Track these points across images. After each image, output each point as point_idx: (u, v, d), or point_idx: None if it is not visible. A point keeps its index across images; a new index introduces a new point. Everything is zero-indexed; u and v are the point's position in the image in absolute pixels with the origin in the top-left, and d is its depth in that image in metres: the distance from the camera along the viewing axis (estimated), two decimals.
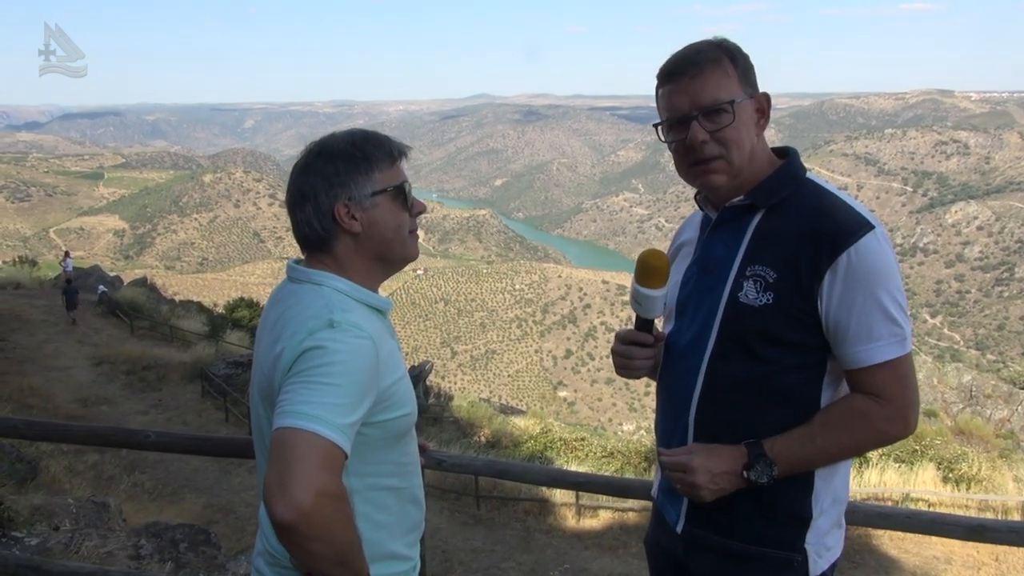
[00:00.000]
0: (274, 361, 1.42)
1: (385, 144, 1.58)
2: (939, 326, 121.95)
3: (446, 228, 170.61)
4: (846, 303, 1.49)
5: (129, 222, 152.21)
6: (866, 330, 1.49)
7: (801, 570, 1.61)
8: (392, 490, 1.59)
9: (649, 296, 1.68)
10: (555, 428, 16.55)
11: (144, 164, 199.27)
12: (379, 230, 1.55)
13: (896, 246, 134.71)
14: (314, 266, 1.55)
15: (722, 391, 1.61)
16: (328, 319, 1.40)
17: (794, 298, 1.52)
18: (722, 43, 1.61)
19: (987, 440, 12.97)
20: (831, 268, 1.48)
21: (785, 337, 1.54)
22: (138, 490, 8.89)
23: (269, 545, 1.50)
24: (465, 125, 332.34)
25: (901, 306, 1.51)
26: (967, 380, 15.62)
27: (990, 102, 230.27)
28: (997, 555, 7.26)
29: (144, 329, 21.27)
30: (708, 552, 1.68)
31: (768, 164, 1.64)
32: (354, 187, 1.51)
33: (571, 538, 8.57)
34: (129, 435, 3.29)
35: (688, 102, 1.57)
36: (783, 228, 1.57)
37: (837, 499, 1.65)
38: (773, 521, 1.61)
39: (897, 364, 1.51)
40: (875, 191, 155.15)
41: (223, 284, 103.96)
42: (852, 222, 1.51)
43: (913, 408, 1.55)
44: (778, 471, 1.53)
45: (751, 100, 1.60)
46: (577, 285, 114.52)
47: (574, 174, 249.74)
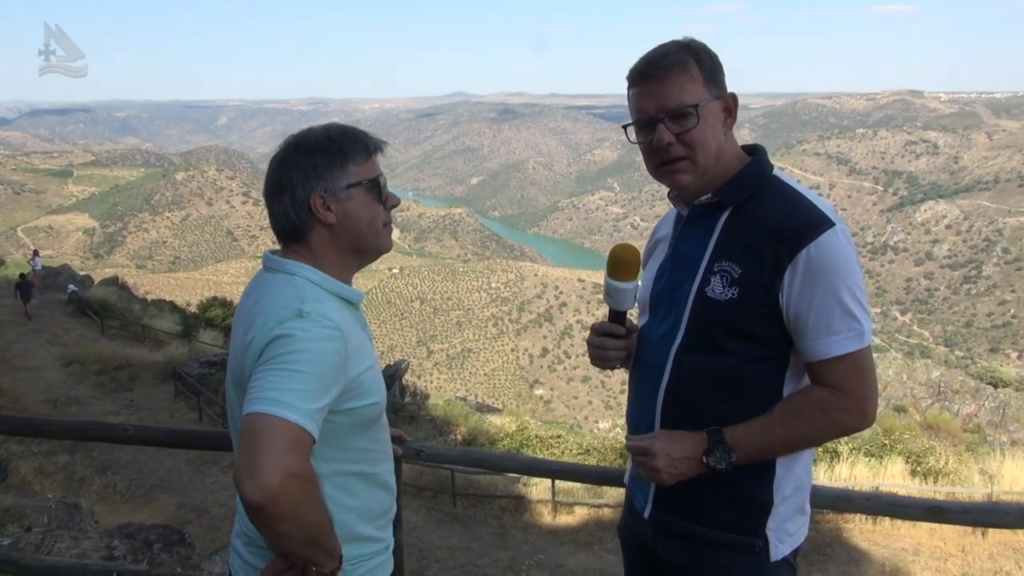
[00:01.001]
0: (245, 348, 1.47)
1: (361, 139, 1.62)
2: (909, 323, 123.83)
3: (422, 226, 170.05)
4: (806, 298, 1.53)
5: (99, 220, 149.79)
6: (825, 324, 1.53)
7: (762, 555, 1.66)
8: (361, 475, 1.63)
9: (620, 289, 1.74)
10: (531, 426, 16.61)
11: (115, 161, 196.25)
12: (353, 222, 1.59)
13: (867, 244, 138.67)
14: (289, 256, 1.60)
15: (688, 382, 1.66)
16: (298, 309, 1.44)
17: (758, 293, 1.57)
18: (689, 44, 1.63)
19: (955, 434, 13.22)
20: (791, 264, 1.53)
21: (749, 330, 1.59)
22: (110, 491, 8.80)
23: (245, 526, 1.57)
24: (441, 123, 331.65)
25: (860, 302, 1.54)
26: (936, 376, 15.88)
27: (959, 103, 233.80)
28: (963, 546, 7.41)
29: (115, 329, 20.99)
30: (674, 537, 1.74)
31: (737, 162, 1.68)
32: (330, 180, 1.56)
33: (547, 534, 8.61)
34: (106, 429, 3.27)
35: (655, 105, 1.62)
36: (749, 225, 1.61)
37: (800, 486, 1.69)
38: (735, 507, 1.66)
39: (855, 358, 1.55)
40: (847, 190, 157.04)
41: (196, 283, 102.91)
42: (813, 219, 1.55)
43: (870, 400, 1.58)
44: (736, 458, 1.58)
45: (718, 101, 1.63)
46: (553, 283, 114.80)
47: (550, 173, 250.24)
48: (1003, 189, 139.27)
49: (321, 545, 1.42)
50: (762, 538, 1.65)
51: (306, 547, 1.40)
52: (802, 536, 1.73)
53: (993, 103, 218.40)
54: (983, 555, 7.16)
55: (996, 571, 6.79)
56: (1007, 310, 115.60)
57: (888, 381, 15.68)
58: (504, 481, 10.05)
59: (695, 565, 1.73)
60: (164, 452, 10.94)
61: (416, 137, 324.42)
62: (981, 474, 9.26)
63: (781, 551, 1.67)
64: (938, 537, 7.66)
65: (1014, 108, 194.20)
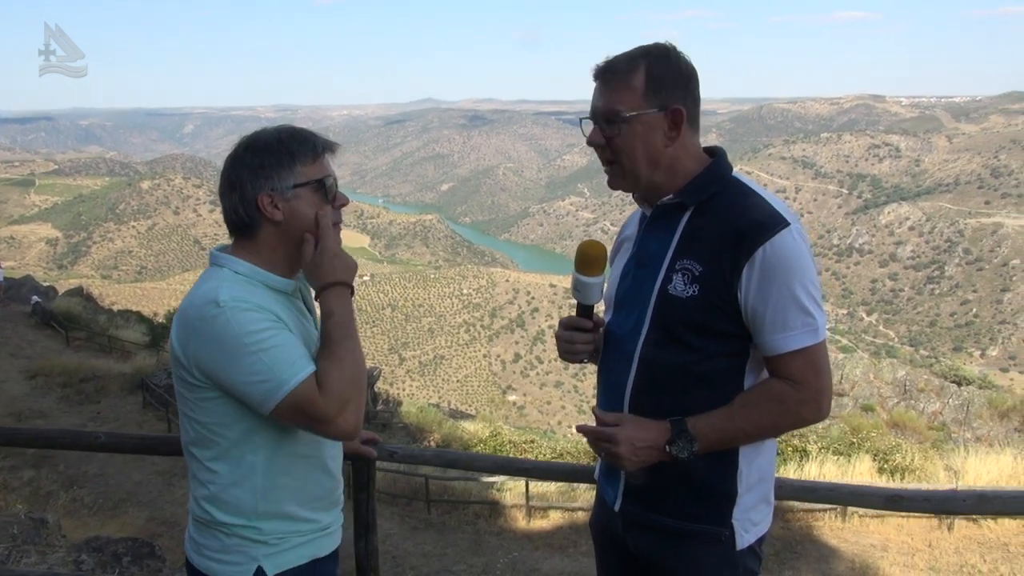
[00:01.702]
0: (179, 345, 1.63)
1: (309, 140, 1.70)
2: (875, 323, 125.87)
3: (392, 233, 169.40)
4: (763, 295, 1.59)
5: (63, 230, 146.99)
6: (781, 320, 1.59)
7: (728, 544, 1.71)
8: (300, 456, 1.73)
9: (587, 283, 1.81)
10: (505, 431, 16.59)
11: (78, 170, 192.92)
12: (299, 219, 1.68)
13: (833, 247, 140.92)
14: (236, 251, 1.70)
15: (653, 377, 1.72)
16: (214, 298, 1.57)
17: (718, 290, 1.62)
18: (649, 52, 1.68)
19: (920, 432, 13.46)
20: (749, 261, 1.59)
21: (710, 326, 1.65)
22: (77, 505, 8.65)
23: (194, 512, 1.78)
24: (411, 130, 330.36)
25: (814, 298, 1.61)
26: (901, 375, 16.15)
27: (919, 107, 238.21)
28: (930, 541, 7.55)
29: (80, 340, 20.59)
30: (643, 529, 1.79)
31: (698, 164, 1.73)
32: (277, 179, 1.65)
33: (522, 539, 8.62)
34: (77, 437, 3.24)
35: (597, 106, 1.71)
36: (710, 225, 1.66)
37: (763, 477, 1.75)
38: (701, 498, 1.71)
39: (810, 352, 1.61)
40: (812, 193, 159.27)
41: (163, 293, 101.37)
42: (768, 219, 1.61)
43: (825, 393, 1.64)
44: (699, 447, 1.63)
45: (659, 114, 1.66)
46: (525, 289, 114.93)
47: (520, 179, 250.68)
48: (963, 191, 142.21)
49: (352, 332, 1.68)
50: (728, 527, 1.71)
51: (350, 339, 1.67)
52: (766, 525, 1.78)
53: (952, 107, 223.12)
54: (949, 549, 7.30)
55: (962, 564, 6.93)
56: (969, 309, 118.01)
57: (855, 381, 15.92)
58: (478, 487, 10.05)
59: (664, 556, 1.77)
60: (132, 465, 10.77)
61: (385, 144, 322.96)
62: (946, 470, 9.44)
63: (747, 540, 1.72)
64: (905, 533, 7.81)
65: (973, 112, 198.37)
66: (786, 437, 10.50)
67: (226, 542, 1.70)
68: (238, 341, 1.54)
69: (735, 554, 1.72)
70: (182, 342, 1.61)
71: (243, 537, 1.69)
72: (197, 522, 1.75)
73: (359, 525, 2.75)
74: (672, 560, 1.76)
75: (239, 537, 1.70)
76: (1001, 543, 7.32)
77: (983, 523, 7.65)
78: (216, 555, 1.72)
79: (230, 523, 1.69)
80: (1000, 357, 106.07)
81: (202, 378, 1.61)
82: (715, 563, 1.73)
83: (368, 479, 2.72)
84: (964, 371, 17.74)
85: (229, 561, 1.70)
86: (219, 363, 1.57)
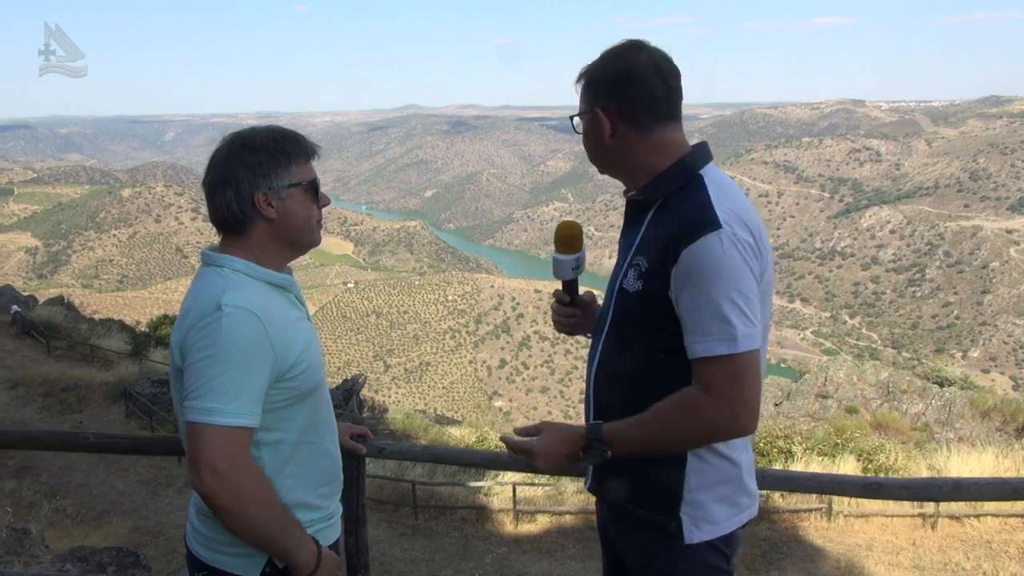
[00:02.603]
0: (177, 344, 1.64)
1: (302, 143, 1.78)
2: (858, 326, 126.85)
3: (376, 240, 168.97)
4: (684, 296, 1.60)
5: (42, 239, 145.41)
6: (699, 324, 1.59)
7: (676, 537, 1.73)
8: (304, 443, 1.77)
9: (557, 260, 1.96)
10: (491, 436, 16.56)
11: (57, 179, 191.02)
12: (291, 218, 1.74)
13: (816, 250, 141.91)
14: (225, 248, 1.74)
15: (610, 370, 1.80)
16: (217, 301, 1.59)
17: (659, 286, 1.65)
18: (594, 61, 1.79)
19: (904, 432, 13.59)
20: (676, 262, 1.61)
21: (651, 321, 1.68)
22: (60, 515, 8.54)
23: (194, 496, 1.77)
24: (394, 136, 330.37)
25: (738, 306, 1.56)
26: (884, 377, 16.28)
27: (899, 111, 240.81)
28: (914, 540, 7.61)
29: (62, 349, 20.40)
30: (609, 510, 1.90)
31: (667, 161, 1.77)
32: (274, 178, 1.70)
33: (510, 543, 8.61)
34: (66, 438, 3.22)
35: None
36: (665, 222, 1.69)
37: (724, 480, 1.74)
38: (648, 489, 1.76)
39: (728, 360, 1.57)
40: (795, 197, 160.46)
41: (144, 302, 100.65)
42: (699, 222, 1.61)
43: (743, 406, 1.59)
44: (612, 454, 1.68)
45: (591, 113, 1.77)
46: (510, 295, 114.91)
47: (504, 184, 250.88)
48: (943, 195, 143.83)
49: (275, 542, 1.65)
50: (676, 520, 1.72)
51: (262, 543, 1.65)
52: (730, 527, 1.77)
53: (931, 111, 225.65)
54: (933, 548, 7.37)
55: (946, 563, 6.99)
56: (950, 311, 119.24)
57: (839, 383, 16.04)
58: (465, 492, 10.03)
59: (624, 540, 1.86)
60: (116, 474, 10.67)
61: (369, 150, 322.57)
62: (929, 469, 9.52)
63: (698, 536, 1.73)
64: (890, 532, 7.87)
65: (951, 116, 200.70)
66: (771, 438, 10.56)
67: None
68: (226, 349, 1.56)
69: (684, 547, 1.73)
70: (182, 344, 1.63)
71: None
72: (205, 517, 1.76)
73: (349, 521, 2.78)
74: (629, 545, 1.85)
75: None
76: (984, 540, 7.40)
77: (966, 521, 7.73)
78: (228, 548, 1.74)
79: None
80: (981, 358, 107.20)
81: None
82: (665, 553, 1.76)
83: (358, 475, 2.75)
84: (946, 372, 17.91)
85: (241, 553, 1.73)
86: (199, 357, 1.57)
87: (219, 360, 1.56)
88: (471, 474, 10.39)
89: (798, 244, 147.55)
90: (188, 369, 1.59)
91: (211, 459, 1.53)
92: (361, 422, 16.81)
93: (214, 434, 1.54)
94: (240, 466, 1.57)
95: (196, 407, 1.55)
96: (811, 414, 15.28)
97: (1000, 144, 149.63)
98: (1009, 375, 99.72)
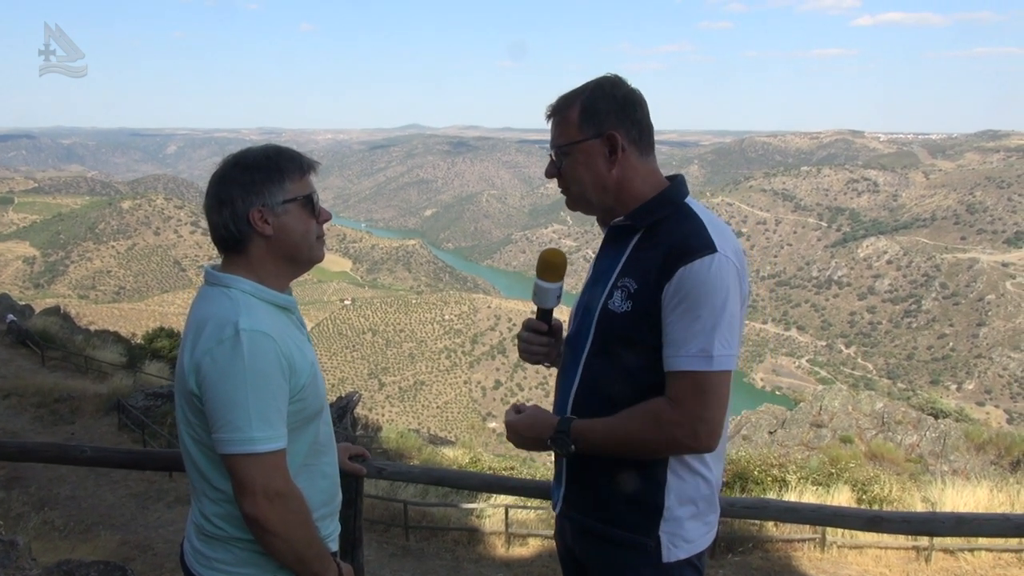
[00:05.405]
0: (190, 368, 1.63)
1: (296, 158, 1.78)
2: (853, 356, 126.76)
3: (375, 258, 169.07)
4: (671, 312, 1.66)
5: (40, 249, 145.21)
6: (680, 339, 1.65)
7: (654, 555, 1.76)
8: (304, 467, 1.78)
9: (543, 288, 1.96)
10: (485, 458, 16.51)
11: (58, 189, 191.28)
12: (288, 234, 1.75)
13: (812, 279, 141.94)
14: (228, 268, 1.75)
15: (592, 385, 1.82)
16: (235, 324, 1.60)
17: (648, 306, 1.70)
18: (584, 88, 1.83)
19: (898, 463, 13.55)
20: (669, 280, 1.67)
21: (639, 341, 1.72)
22: (48, 528, 8.46)
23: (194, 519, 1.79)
24: (395, 155, 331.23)
25: (722, 329, 1.64)
26: (879, 407, 16.27)
27: (897, 143, 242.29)
28: (908, 573, 7.56)
29: (56, 360, 20.31)
30: (582, 533, 1.89)
31: (653, 190, 1.83)
32: (268, 195, 1.71)
33: (500, 566, 8.54)
34: (63, 450, 3.20)
35: (550, 142, 1.89)
36: (654, 246, 1.75)
37: (699, 498, 1.79)
38: (629, 507, 1.78)
39: (698, 377, 1.65)
40: (792, 226, 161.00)
41: (141, 314, 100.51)
42: (695, 244, 1.68)
43: (706, 422, 1.66)
44: (576, 448, 1.77)
45: (596, 140, 1.80)
46: (506, 316, 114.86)
47: (503, 205, 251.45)
48: (940, 226, 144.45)
49: (311, 563, 1.71)
50: (655, 539, 1.76)
51: (298, 563, 1.70)
52: (704, 544, 1.83)
53: (929, 144, 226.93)
54: None
55: None
56: (946, 343, 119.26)
57: (834, 412, 16.02)
58: (457, 514, 9.97)
59: (597, 562, 1.86)
60: (106, 487, 10.59)
61: (370, 168, 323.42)
62: (924, 502, 9.48)
63: (675, 554, 1.77)
64: (884, 564, 7.81)
65: (949, 149, 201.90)
66: (765, 466, 10.52)
67: (241, 555, 1.74)
68: (253, 375, 1.58)
69: (663, 566, 1.77)
70: (197, 369, 1.62)
71: (258, 551, 1.72)
72: (207, 537, 1.77)
73: (346, 542, 2.76)
74: (603, 566, 1.85)
75: (253, 551, 1.73)
76: (978, 575, 7.35)
77: (960, 555, 7.68)
78: (231, 568, 1.75)
79: (245, 538, 1.72)
80: (976, 391, 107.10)
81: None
82: (643, 572, 1.78)
83: (356, 495, 2.74)
84: (941, 404, 17.90)
85: (244, 574, 1.74)
86: (224, 385, 1.58)
87: (246, 386, 1.57)
88: (464, 495, 10.33)
89: (795, 272, 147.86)
90: (212, 397, 1.59)
91: (266, 485, 1.58)
92: (355, 440, 16.72)
93: (263, 462, 1.58)
94: (289, 490, 1.63)
95: (237, 439, 1.57)
96: (806, 443, 15.25)
97: (997, 178, 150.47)
98: (1004, 408, 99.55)
